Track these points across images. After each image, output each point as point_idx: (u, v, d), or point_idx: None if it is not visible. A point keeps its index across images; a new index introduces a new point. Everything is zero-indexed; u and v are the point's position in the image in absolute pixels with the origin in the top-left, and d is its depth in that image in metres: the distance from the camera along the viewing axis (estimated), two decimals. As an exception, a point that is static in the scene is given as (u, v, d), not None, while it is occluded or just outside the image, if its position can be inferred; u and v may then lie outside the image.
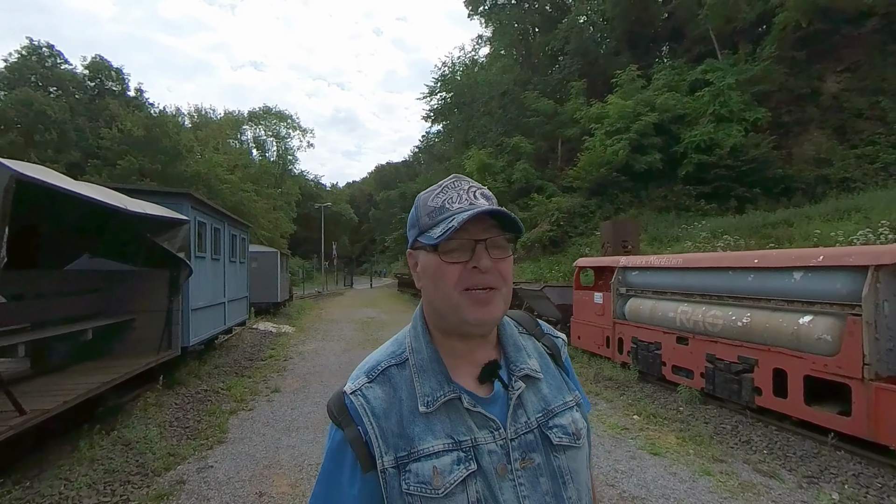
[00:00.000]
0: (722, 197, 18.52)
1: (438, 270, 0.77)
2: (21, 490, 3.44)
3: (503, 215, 0.77)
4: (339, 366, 8.40)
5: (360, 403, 0.78)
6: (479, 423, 0.77)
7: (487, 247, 0.76)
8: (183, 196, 6.36)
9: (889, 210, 13.51)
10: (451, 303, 0.76)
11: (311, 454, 4.51)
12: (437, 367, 0.80)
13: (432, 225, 0.78)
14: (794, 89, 20.42)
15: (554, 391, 0.86)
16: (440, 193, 0.80)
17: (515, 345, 0.86)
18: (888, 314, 3.90)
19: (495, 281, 0.77)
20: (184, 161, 34.71)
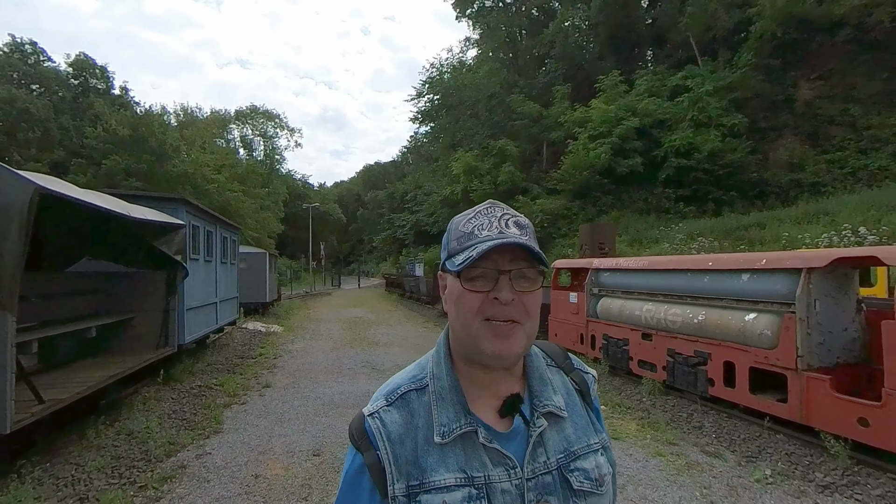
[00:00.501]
0: (700, 200, 19.24)
1: (461, 298, 0.76)
2: (39, 471, 3.79)
3: (526, 249, 0.74)
4: (328, 363, 8.77)
5: (377, 427, 0.77)
6: (494, 459, 0.74)
7: (512, 278, 0.74)
8: (178, 201, 6.70)
9: (854, 214, 14.27)
10: (470, 332, 0.75)
11: (302, 442, 4.90)
12: (456, 396, 0.78)
13: (459, 250, 0.77)
14: (769, 96, 21.21)
15: (579, 432, 0.82)
16: (472, 219, 0.79)
17: (541, 378, 0.83)
18: (819, 312, 4.41)
19: (518, 314, 0.74)
20: (170, 161, 34.63)
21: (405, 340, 11.37)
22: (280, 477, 4.12)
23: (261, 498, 3.74)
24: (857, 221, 13.58)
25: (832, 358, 4.40)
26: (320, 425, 5.41)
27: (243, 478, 4.11)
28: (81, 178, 29.28)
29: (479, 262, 0.73)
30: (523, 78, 28.83)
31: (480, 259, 0.73)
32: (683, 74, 22.07)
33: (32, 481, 3.58)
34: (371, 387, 6.96)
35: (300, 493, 3.82)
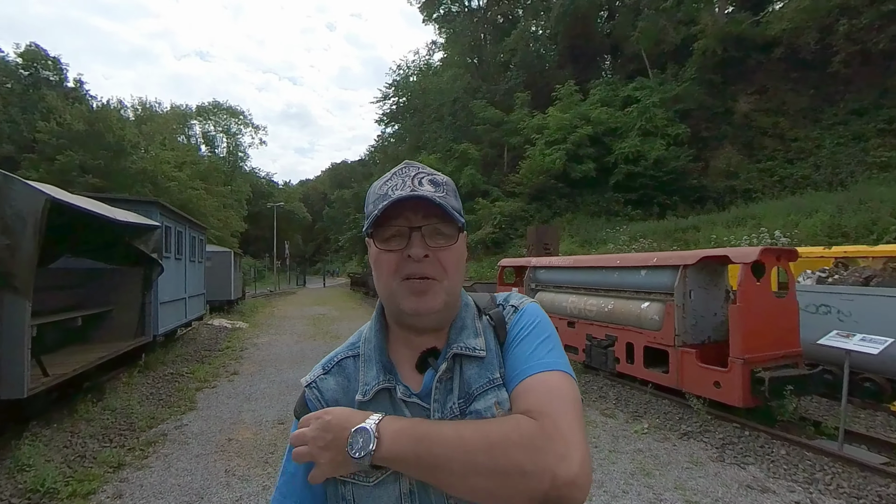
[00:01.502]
0: (646, 204, 20.79)
1: (378, 259, 0.76)
2: (41, 437, 4.49)
3: (427, 200, 0.73)
4: (292, 355, 9.52)
5: (315, 396, 0.80)
6: (414, 413, 0.75)
7: (425, 234, 0.74)
8: (152, 204, 7.34)
9: (777, 218, 15.98)
10: (390, 291, 0.76)
11: (269, 414, 5.72)
12: (379, 356, 0.79)
13: (373, 212, 0.75)
14: (711, 108, 23.04)
15: (484, 370, 0.78)
16: (388, 181, 0.78)
17: (462, 326, 0.81)
18: (693, 300, 5.56)
19: (433, 271, 0.74)
20: (128, 157, 34.09)
21: (366, 334, 12.20)
22: (250, 440, 4.94)
23: (234, 454, 4.56)
24: (778, 225, 15.26)
25: (703, 336, 5.56)
26: (284, 402, 6.23)
27: (218, 441, 4.91)
28: (33, 174, 28.58)
29: (391, 220, 0.73)
30: (487, 83, 30.00)
31: (392, 217, 0.73)
32: (634, 86, 23.66)
33: (38, 443, 4.28)
34: (331, 373, 7.80)
35: (267, 450, 4.65)
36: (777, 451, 4.27)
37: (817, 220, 14.77)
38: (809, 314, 5.80)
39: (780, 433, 4.54)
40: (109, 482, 3.95)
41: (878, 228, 12.98)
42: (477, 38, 34.60)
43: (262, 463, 4.35)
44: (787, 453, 4.25)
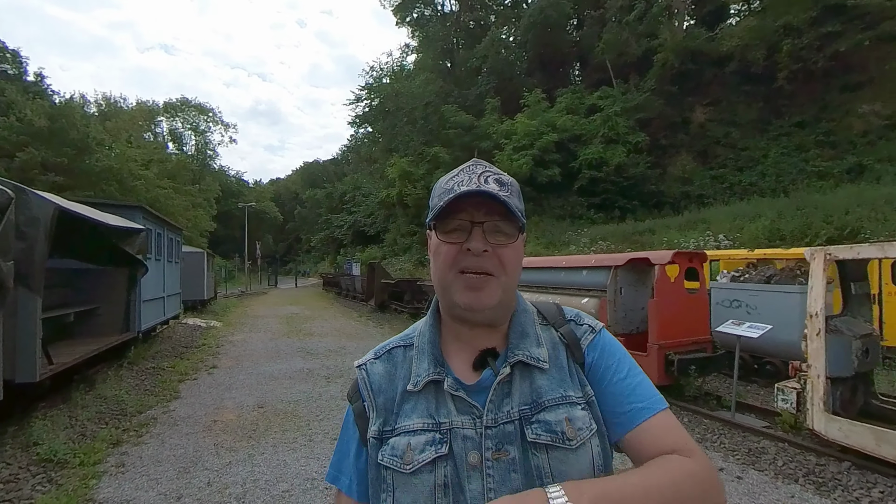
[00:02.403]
0: (608, 208, 22.04)
1: (437, 250, 0.78)
2: (48, 417, 5.05)
3: (493, 197, 0.74)
4: (267, 350, 10.10)
5: (363, 377, 0.84)
6: (460, 407, 0.77)
7: (486, 230, 0.75)
8: (136, 208, 7.85)
9: (724, 222, 17.30)
10: (445, 283, 0.78)
11: (249, 401, 6.36)
12: (432, 349, 0.81)
13: (438, 204, 0.78)
14: (669, 117, 24.51)
15: (554, 384, 0.79)
16: (455, 176, 0.80)
17: (523, 332, 0.82)
18: (623, 296, 6.48)
19: (491, 266, 0.75)
20: (93, 155, 33.56)
21: (338, 331, 12.85)
22: (233, 421, 5.60)
23: (220, 432, 5.22)
24: (725, 228, 16.60)
25: (632, 327, 6.48)
26: (262, 390, 6.88)
27: (204, 422, 5.55)
28: (-8, 172, 27.97)
29: (454, 213, 0.75)
30: (458, 88, 30.87)
31: (455, 211, 0.75)
32: (599, 95, 24.95)
33: (46, 422, 4.86)
34: (305, 366, 8.46)
35: (250, 429, 5.32)
36: (680, 420, 5.19)
37: (759, 225, 16.07)
38: (725, 308, 6.80)
39: (687, 405, 5.48)
40: (112, 455, 4.56)
41: (812, 232, 14.32)
42: (449, 43, 35.46)
43: (246, 437, 5.02)
44: (689, 421, 5.19)
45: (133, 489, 3.88)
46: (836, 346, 4.16)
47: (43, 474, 4.06)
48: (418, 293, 14.15)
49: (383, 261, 25.30)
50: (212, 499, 3.72)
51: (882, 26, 19.18)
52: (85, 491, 3.81)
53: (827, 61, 20.20)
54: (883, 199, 15.04)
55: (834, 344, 4.15)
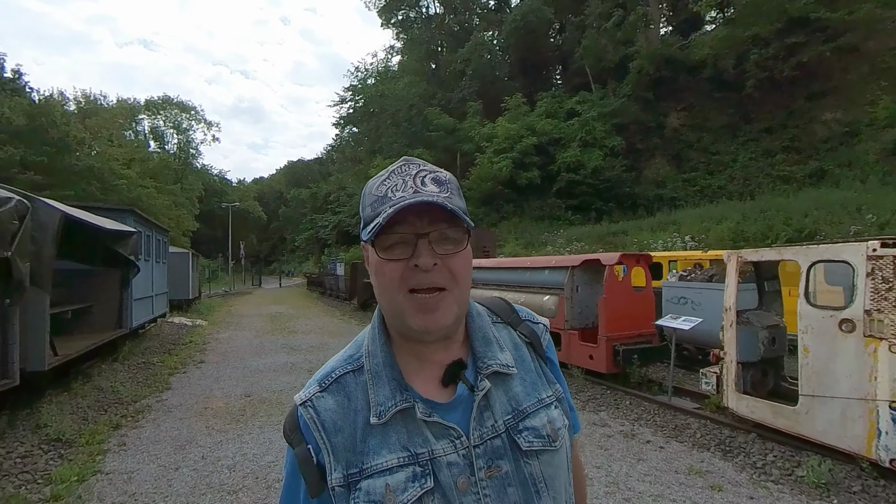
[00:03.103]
0: (585, 209, 22.89)
1: (379, 269, 0.71)
2: (50, 405, 5.57)
3: (439, 206, 0.68)
4: (252, 347, 10.62)
5: (311, 416, 0.73)
6: (436, 433, 0.71)
7: (432, 241, 0.69)
8: (127, 212, 8.33)
9: (694, 224, 18.17)
10: (394, 306, 0.71)
11: (236, 391, 6.92)
12: (391, 372, 0.74)
13: (373, 216, 0.70)
14: (645, 122, 25.47)
15: (528, 388, 0.78)
16: (386, 180, 0.72)
17: (485, 338, 0.79)
18: (579, 294, 7.19)
19: (443, 280, 0.70)
20: (73, 154, 33.44)
21: (321, 329, 13.41)
22: (222, 408, 6.17)
23: (211, 417, 5.79)
24: (693, 230, 17.48)
25: (586, 322, 7.19)
26: (248, 382, 7.45)
27: (196, 409, 6.11)
28: (-32, 171, 27.83)
29: (394, 226, 0.68)
30: (442, 90, 31.52)
31: (394, 223, 0.67)
32: (577, 99, 25.82)
33: (51, 412, 5.38)
34: (289, 360, 9.03)
35: (238, 414, 5.90)
36: (623, 402, 5.93)
37: (725, 227, 16.93)
38: (674, 304, 7.54)
39: (630, 390, 6.20)
40: (113, 436, 5.11)
41: (773, 234, 15.23)
42: (434, 45, 36.07)
43: (234, 421, 5.60)
44: (630, 403, 5.91)
45: (135, 463, 4.45)
46: (746, 336, 4.90)
47: (54, 451, 4.60)
48: (399, 292, 14.77)
49: (367, 261, 25.74)
50: (206, 469, 4.31)
51: (842, 39, 20.32)
52: (93, 465, 4.37)
53: (792, 71, 21.27)
54: (839, 202, 16.03)
55: (743, 334, 4.89)
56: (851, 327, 3.94)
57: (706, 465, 4.31)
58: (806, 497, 3.71)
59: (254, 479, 4.10)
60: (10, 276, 4.06)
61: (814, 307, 4.24)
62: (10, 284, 4.14)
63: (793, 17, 20.80)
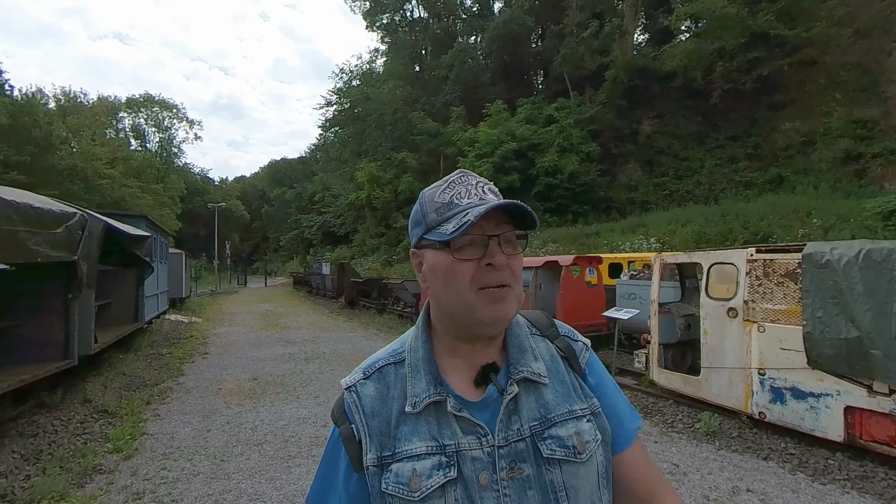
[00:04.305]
0: (562, 212, 24.22)
1: (450, 269, 0.77)
2: (92, 384, 6.59)
3: (518, 210, 0.76)
4: (250, 340, 11.65)
5: (353, 400, 0.82)
6: (464, 428, 0.77)
7: (500, 242, 0.76)
8: (139, 217, 9.34)
9: (661, 227, 19.58)
10: (465, 302, 0.76)
11: (244, 376, 8.00)
12: (428, 366, 0.81)
13: (441, 221, 0.78)
14: (619, 129, 26.91)
15: (559, 398, 0.82)
16: (447, 189, 0.80)
17: (520, 346, 0.85)
18: (542, 290, 8.43)
19: (508, 278, 0.76)
20: (56, 153, 33.72)
21: (312, 325, 14.47)
22: (234, 388, 7.25)
23: (226, 394, 6.87)
24: (660, 233, 18.90)
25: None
26: (253, 368, 8.52)
27: (211, 389, 7.18)
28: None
29: (467, 229, 0.73)
30: (426, 94, 32.62)
31: (469, 226, 0.73)
32: (556, 106, 27.15)
33: (92, 387, 6.41)
34: (286, 351, 10.09)
35: (249, 393, 6.98)
36: (574, 380, 7.16)
37: (689, 230, 18.35)
38: (625, 299, 8.82)
39: (582, 372, 7.44)
40: (147, 410, 6.16)
41: (732, 237, 16.69)
42: (418, 49, 37.14)
43: (247, 398, 6.69)
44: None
45: (172, 427, 5.53)
46: (666, 323, 6.17)
47: (103, 420, 5.65)
48: (384, 291, 15.85)
49: (352, 260, 26.85)
50: (232, 430, 5.41)
51: (800, 54, 22.03)
52: (138, 429, 5.43)
53: (754, 83, 22.89)
54: (792, 207, 17.57)
55: (664, 321, 6.16)
56: (735, 314, 5.23)
57: (630, 423, 5.56)
58: (697, 442, 4.97)
59: (273, 436, 5.22)
60: (75, 275, 5.11)
61: (711, 299, 5.52)
62: (72, 282, 5.19)
63: (755, 32, 22.39)
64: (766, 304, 5.00)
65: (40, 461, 4.42)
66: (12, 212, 4.07)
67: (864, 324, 4.13)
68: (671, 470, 4.27)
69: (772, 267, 5.02)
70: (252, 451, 4.83)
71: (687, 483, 4.02)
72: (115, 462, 4.53)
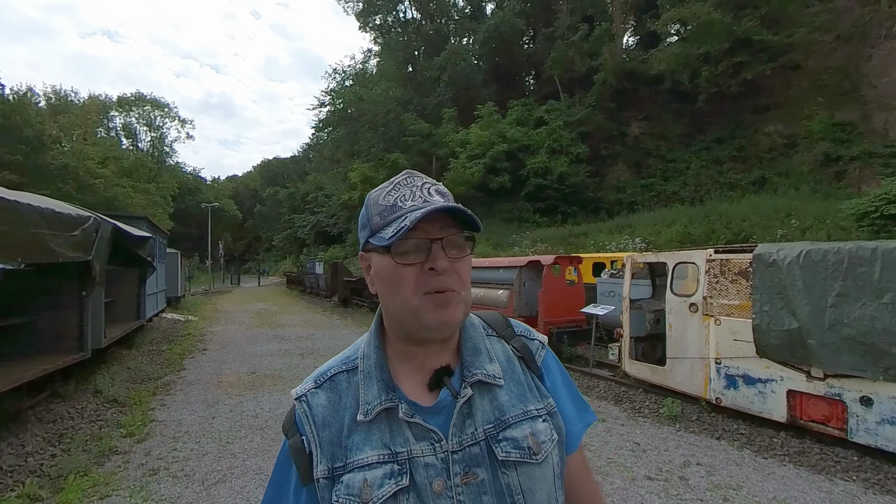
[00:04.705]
0: (552, 212, 24.81)
1: (393, 274, 0.76)
2: (101, 376, 7.02)
3: (459, 212, 0.76)
4: (246, 337, 12.08)
5: (304, 410, 0.81)
6: (417, 434, 0.77)
7: (444, 246, 0.75)
8: (141, 219, 9.76)
9: (647, 227, 20.14)
10: (409, 307, 0.76)
11: (242, 370, 8.45)
12: (381, 373, 0.80)
13: (384, 225, 0.77)
14: (608, 130, 27.55)
15: (514, 399, 0.82)
16: (392, 191, 0.79)
17: (475, 348, 0.84)
18: (525, 288, 8.94)
19: (453, 282, 0.76)
20: (48, 152, 33.81)
21: (305, 322, 14.91)
22: (234, 381, 7.71)
23: (226, 387, 7.33)
24: (646, 233, 19.48)
25: (531, 311, 8.94)
26: (251, 363, 8.97)
27: (212, 382, 7.63)
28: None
29: (408, 234, 0.73)
30: (419, 95, 33.09)
31: (409, 231, 0.72)
32: (546, 108, 27.74)
33: (102, 379, 6.85)
34: (281, 347, 10.54)
35: (248, 385, 7.45)
36: (554, 372, 7.69)
37: (674, 230, 18.91)
38: (605, 296, 9.36)
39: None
40: (153, 400, 6.61)
41: (715, 237, 17.26)
42: (411, 51, 37.57)
43: (247, 389, 7.15)
44: (560, 373, 7.67)
45: (179, 415, 5.98)
46: (636, 317, 6.70)
47: (114, 409, 6.10)
48: (377, 289, 16.33)
49: (345, 260, 27.26)
50: (235, 417, 5.88)
51: (783, 58, 22.72)
52: (147, 416, 5.88)
53: (739, 86, 23.57)
54: (774, 208, 18.18)
55: (635, 316, 6.69)
56: (696, 309, 5.77)
57: (601, 409, 6.09)
58: (660, 424, 5.51)
59: (273, 421, 5.70)
60: (89, 274, 5.56)
61: (675, 295, 6.06)
62: (87, 280, 5.63)
63: (739, 37, 23.06)
64: (722, 300, 5.55)
65: (62, 443, 4.87)
66: (38, 217, 4.52)
67: (803, 316, 4.67)
68: (633, 448, 4.80)
69: (727, 266, 5.56)
70: (255, 434, 5.31)
71: (644, 458, 4.55)
72: (129, 444, 4.99)
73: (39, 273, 5.53)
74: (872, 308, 4.24)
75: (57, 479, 4.12)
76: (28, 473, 4.18)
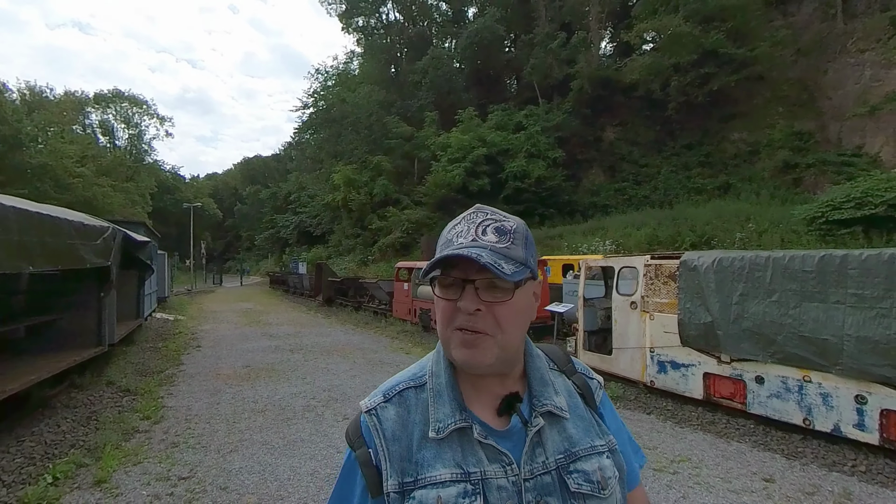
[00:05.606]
0: (529, 215, 25.87)
1: (437, 304, 0.81)
2: (113, 369, 7.80)
3: (473, 260, 0.74)
4: (237, 335, 12.86)
5: (373, 424, 0.83)
6: (490, 456, 0.78)
7: (479, 287, 0.76)
8: (139, 224, 10.49)
9: (618, 229, 21.31)
10: (444, 337, 0.81)
11: (238, 364, 9.28)
12: (452, 393, 0.82)
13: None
14: (584, 136, 28.79)
15: (581, 433, 0.85)
16: (456, 225, 0.83)
17: (542, 379, 0.86)
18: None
19: (484, 325, 0.77)
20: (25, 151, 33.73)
21: (293, 321, 15.73)
22: (231, 374, 8.55)
23: (225, 378, 8.17)
24: (617, 235, 20.67)
25: (503, 310, 9.96)
26: (245, 358, 9.81)
27: (211, 374, 8.46)
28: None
29: (450, 269, 0.77)
30: (401, 97, 33.94)
31: (451, 265, 0.77)
32: (525, 113, 28.84)
33: (113, 371, 7.64)
34: (271, 344, 11.37)
35: (245, 377, 8.30)
36: (520, 363, 8.72)
37: (643, 233, 20.07)
38: (569, 295, 10.41)
39: (528, 357, 9.00)
40: (160, 390, 7.43)
41: (680, 239, 18.47)
42: (393, 53, 38.37)
43: (244, 381, 8.01)
44: (525, 364, 8.70)
45: (187, 402, 6.83)
46: (589, 313, 7.76)
47: (128, 396, 6.92)
48: (360, 290, 17.21)
49: (329, 260, 28.04)
50: (237, 403, 6.75)
51: (747, 70, 24.19)
52: (158, 403, 6.71)
53: (706, 96, 25.01)
54: (735, 213, 19.48)
55: (588, 312, 7.75)
56: (636, 306, 6.83)
57: (558, 394, 7.12)
58: (604, 405, 6.55)
59: (272, 405, 6.59)
60: (108, 277, 6.37)
61: (620, 294, 7.13)
62: (105, 283, 6.45)
63: (707, 50, 24.48)
64: (656, 299, 6.63)
65: (90, 424, 5.70)
66: (72, 229, 5.34)
67: (715, 312, 5.76)
68: (577, 422, 5.83)
69: (660, 270, 6.64)
70: (257, 415, 6.20)
71: (585, 429, 5.57)
72: (148, 425, 5.84)
73: (62, 277, 6.33)
74: (764, 305, 5.34)
75: (94, 450, 4.97)
76: (69, 447, 5.03)
